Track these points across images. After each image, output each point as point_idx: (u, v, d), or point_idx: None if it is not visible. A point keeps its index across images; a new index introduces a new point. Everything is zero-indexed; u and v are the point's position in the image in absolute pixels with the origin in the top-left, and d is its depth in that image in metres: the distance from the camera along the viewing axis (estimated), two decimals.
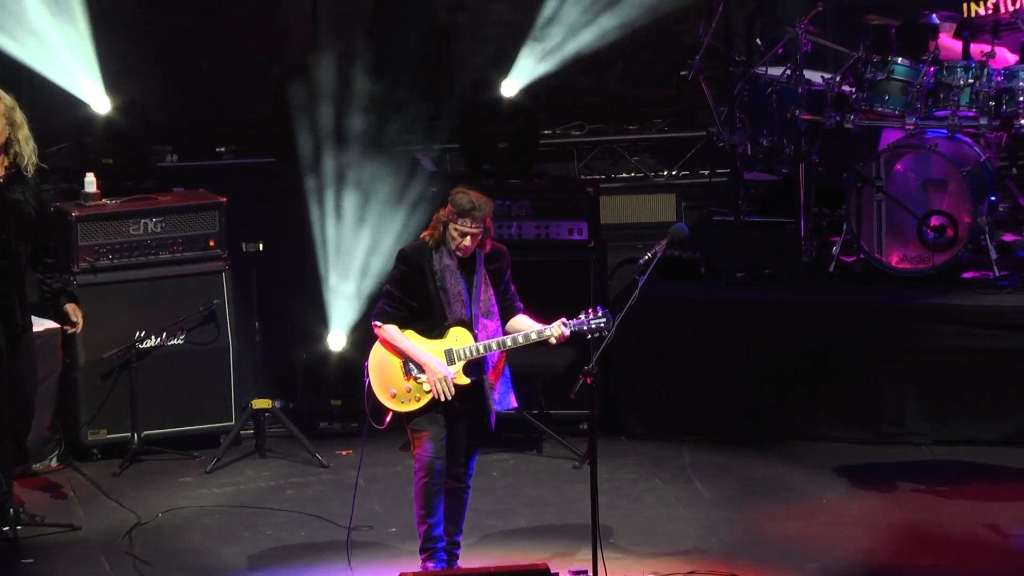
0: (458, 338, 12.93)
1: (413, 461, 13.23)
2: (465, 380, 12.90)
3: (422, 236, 13.07)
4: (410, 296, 12.97)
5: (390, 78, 18.89)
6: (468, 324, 12.94)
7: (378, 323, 13.05)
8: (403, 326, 13.01)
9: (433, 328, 12.96)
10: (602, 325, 12.87)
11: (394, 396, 13.04)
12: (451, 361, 12.88)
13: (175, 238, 16.26)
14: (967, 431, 15.84)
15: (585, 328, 12.89)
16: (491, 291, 12.99)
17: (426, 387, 12.91)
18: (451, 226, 12.85)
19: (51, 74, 17.61)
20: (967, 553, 13.96)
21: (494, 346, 12.94)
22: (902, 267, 16.21)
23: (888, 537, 14.29)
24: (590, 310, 12.93)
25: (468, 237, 12.82)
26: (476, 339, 12.93)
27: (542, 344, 13.08)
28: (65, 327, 14.79)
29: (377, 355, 13.07)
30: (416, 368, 12.94)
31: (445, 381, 12.82)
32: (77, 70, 17.66)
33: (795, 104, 16.49)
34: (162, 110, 18.29)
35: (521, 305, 13.10)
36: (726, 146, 17.37)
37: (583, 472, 13.55)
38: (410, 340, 12.97)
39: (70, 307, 14.60)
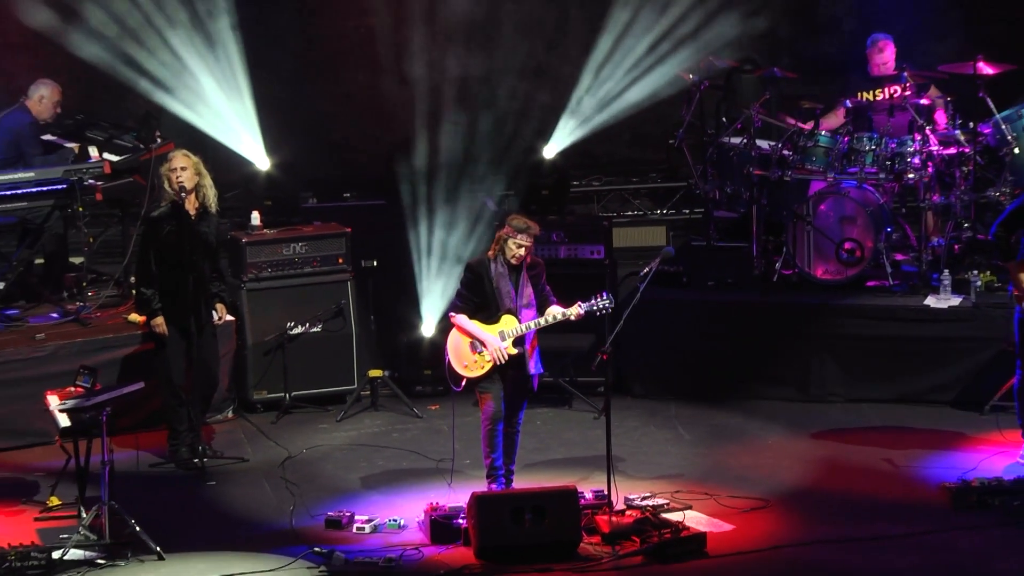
0: (507, 322, 13.11)
1: (480, 414, 13.32)
2: (514, 351, 13.10)
3: (487, 253, 13.21)
4: (474, 294, 13.14)
5: (465, 146, 18.92)
6: (514, 312, 13.12)
7: (453, 314, 13.27)
8: (471, 316, 13.15)
9: (491, 316, 13.13)
10: (606, 304, 13.09)
11: (466, 367, 13.19)
12: (503, 338, 13.09)
13: (314, 257, 16.29)
14: (871, 393, 15.81)
15: (595, 307, 13.11)
16: (531, 289, 13.19)
17: (487, 357, 13.10)
18: (510, 241, 13.05)
19: (228, 141, 17.71)
20: (869, 479, 13.95)
21: (532, 325, 13.14)
22: (824, 278, 16.17)
23: (814, 467, 14.28)
24: (598, 295, 13.12)
25: (523, 248, 13.05)
26: (520, 322, 13.05)
27: (569, 323, 13.21)
28: (221, 319, 14.88)
29: (452, 339, 13.26)
30: (480, 344, 13.08)
31: (500, 351, 13.02)
32: (246, 138, 17.75)
33: (749, 163, 16.47)
34: (306, 167, 18.33)
35: (555, 298, 13.25)
36: (701, 193, 17.37)
37: (600, 421, 13.59)
38: (475, 325, 13.11)
39: (219, 306, 14.68)
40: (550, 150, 18.16)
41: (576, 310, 13.11)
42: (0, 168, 15.86)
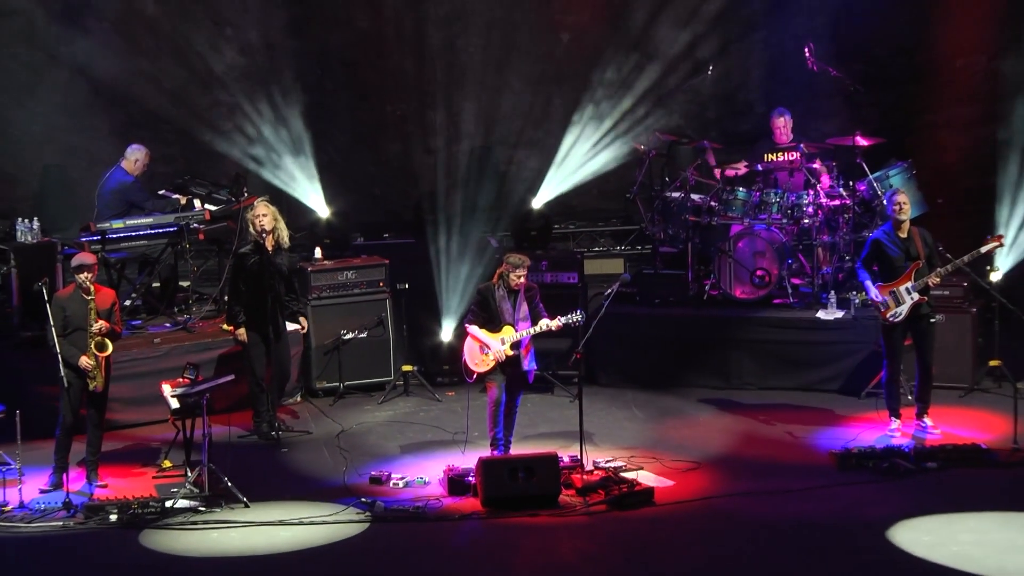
0: (507, 331, 13.13)
1: (487, 398, 13.33)
2: (510, 352, 13.14)
3: (492, 280, 13.25)
4: (482, 311, 13.19)
5: (474, 199, 18.94)
6: (512, 324, 13.10)
7: (467, 324, 13.25)
8: (481, 327, 13.16)
9: (495, 328, 13.17)
10: (578, 318, 13.12)
11: (476, 364, 13.23)
12: (503, 343, 13.14)
13: (362, 281, 16.29)
14: (777, 382, 15.80)
15: (570, 321, 13.12)
16: (526, 307, 13.22)
17: (491, 356, 13.11)
18: (510, 274, 13.11)
19: (297, 195, 17.75)
20: (775, 447, 13.98)
21: (524, 333, 13.13)
22: (742, 297, 16.17)
23: (734, 438, 14.28)
24: (572, 311, 13.17)
25: (520, 278, 13.05)
26: (516, 331, 13.06)
27: (552, 332, 13.26)
28: (299, 328, 14.91)
29: (467, 343, 13.33)
30: (486, 347, 13.11)
31: (500, 352, 13.10)
32: (311, 193, 17.77)
33: (686, 212, 16.47)
34: (355, 214, 18.34)
35: (547, 313, 13.22)
36: (650, 233, 17.34)
37: (574, 404, 13.56)
38: (483, 333, 13.13)
39: (302, 319, 14.70)
40: (537, 202, 18.16)
41: (555, 323, 13.15)
42: (116, 218, 15.85)
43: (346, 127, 19.27)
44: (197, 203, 16.35)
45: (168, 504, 12.39)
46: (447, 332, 16.28)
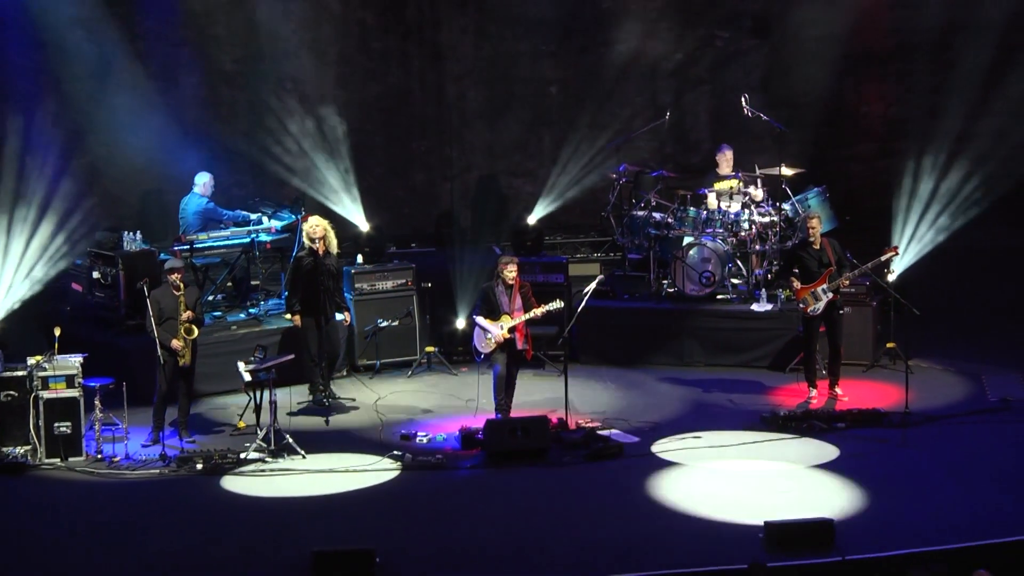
0: (505, 320, 13.14)
1: (492, 372, 13.37)
2: (508, 335, 13.15)
3: (493, 281, 13.29)
4: (486, 304, 13.24)
5: (481, 216, 18.94)
6: (509, 313, 13.13)
7: (475, 316, 13.27)
8: (485, 317, 13.18)
9: (496, 317, 13.18)
10: (558, 305, 13.15)
11: (482, 346, 13.28)
12: (502, 328, 13.13)
13: (394, 281, 16.26)
14: (720, 361, 15.74)
15: (551, 309, 13.14)
16: (520, 300, 13.21)
17: (493, 340, 13.09)
18: (504, 271, 13.09)
19: (343, 213, 17.72)
20: (718, 411, 14.03)
21: (518, 320, 13.15)
22: (692, 293, 16.14)
23: (686, 405, 14.27)
24: (553, 302, 13.18)
25: (512, 272, 13.06)
26: (512, 319, 13.10)
27: (541, 318, 13.29)
28: (344, 321, 14.90)
29: (475, 330, 13.34)
30: (489, 332, 13.11)
31: (500, 335, 13.13)
32: (353, 210, 17.77)
33: (648, 226, 16.46)
34: (388, 228, 18.32)
35: (536, 304, 13.22)
36: (620, 243, 17.35)
37: (561, 378, 13.61)
38: (486, 322, 13.19)
39: (346, 314, 14.70)
40: (532, 218, 18.18)
41: (541, 309, 13.18)
42: (201, 231, 15.88)
43: (381, 160, 19.31)
44: (265, 219, 16.39)
45: (242, 456, 12.47)
46: (461, 321, 16.30)
